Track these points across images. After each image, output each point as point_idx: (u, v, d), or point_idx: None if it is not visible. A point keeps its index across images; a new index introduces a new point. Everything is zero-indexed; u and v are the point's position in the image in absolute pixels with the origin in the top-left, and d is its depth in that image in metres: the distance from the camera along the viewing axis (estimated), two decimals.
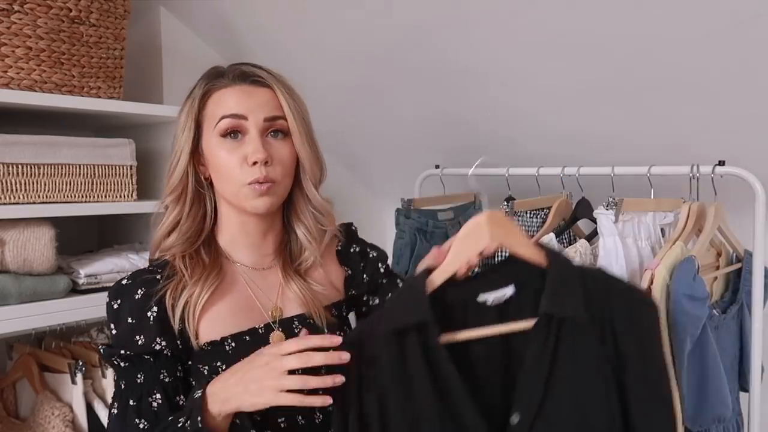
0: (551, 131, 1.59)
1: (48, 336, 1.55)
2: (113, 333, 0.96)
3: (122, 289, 0.97)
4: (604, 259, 1.24)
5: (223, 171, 0.97)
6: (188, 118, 1.01)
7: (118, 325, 0.96)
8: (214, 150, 0.98)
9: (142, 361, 0.95)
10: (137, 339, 0.94)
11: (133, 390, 0.94)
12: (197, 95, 1.01)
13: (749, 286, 1.33)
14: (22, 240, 1.33)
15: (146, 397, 0.94)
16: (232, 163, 0.96)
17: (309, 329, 0.98)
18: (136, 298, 0.95)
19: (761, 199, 1.24)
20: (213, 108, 0.99)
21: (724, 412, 1.17)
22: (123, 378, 0.96)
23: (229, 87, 0.99)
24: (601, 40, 1.25)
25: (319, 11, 1.54)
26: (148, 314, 0.95)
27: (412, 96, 1.70)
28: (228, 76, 1.00)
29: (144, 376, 0.94)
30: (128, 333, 0.94)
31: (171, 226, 1.01)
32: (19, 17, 1.35)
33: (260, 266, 1.06)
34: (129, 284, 0.97)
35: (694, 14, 1.10)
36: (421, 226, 1.67)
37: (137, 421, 0.92)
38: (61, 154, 1.40)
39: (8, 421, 1.48)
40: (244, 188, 0.96)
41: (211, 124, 0.98)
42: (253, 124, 0.97)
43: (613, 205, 1.26)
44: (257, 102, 0.98)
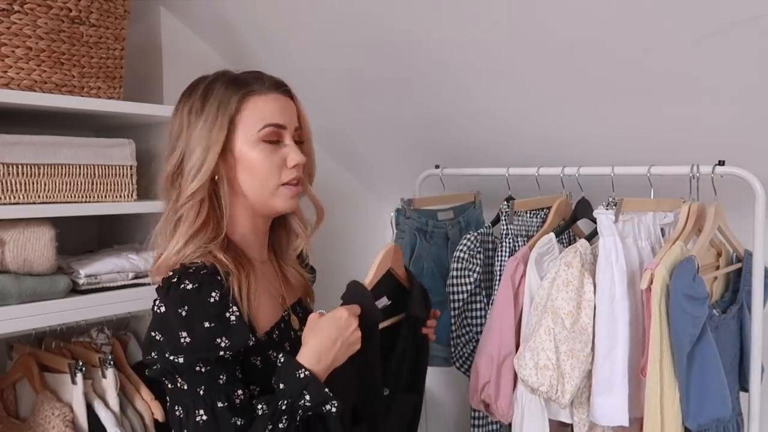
0: (551, 131, 1.59)
1: (48, 336, 1.55)
2: (186, 341, 0.92)
3: (188, 295, 0.94)
4: (603, 258, 1.24)
5: (260, 174, 1.04)
6: (220, 117, 1.02)
7: (192, 331, 0.93)
8: (252, 153, 1.04)
9: (224, 361, 0.94)
10: (219, 341, 0.93)
11: (218, 392, 0.94)
12: (231, 98, 1.03)
13: (749, 286, 1.33)
14: (22, 240, 1.32)
15: (232, 395, 0.95)
16: (271, 167, 1.04)
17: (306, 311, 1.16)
18: (211, 302, 0.95)
19: (761, 199, 1.24)
20: (252, 113, 1.04)
21: (724, 412, 1.17)
22: (202, 383, 0.93)
23: (267, 95, 1.06)
24: (601, 40, 1.25)
25: (319, 11, 1.54)
26: (228, 315, 0.96)
27: (412, 96, 1.70)
28: (263, 83, 1.06)
29: (226, 376, 0.95)
30: (208, 337, 0.93)
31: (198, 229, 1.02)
32: (19, 17, 1.34)
33: (262, 260, 1.13)
34: (196, 289, 0.95)
35: (694, 14, 1.10)
36: (421, 226, 1.67)
37: (234, 419, 0.93)
38: (61, 154, 1.40)
39: (8, 421, 1.48)
40: (280, 188, 1.05)
41: (251, 129, 1.04)
42: (288, 132, 1.07)
43: (613, 205, 1.26)
44: (290, 112, 1.08)
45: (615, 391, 1.21)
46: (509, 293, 1.35)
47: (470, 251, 1.47)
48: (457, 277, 1.47)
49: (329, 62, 1.71)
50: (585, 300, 1.25)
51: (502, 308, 1.35)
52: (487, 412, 1.38)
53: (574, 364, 1.21)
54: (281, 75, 1.11)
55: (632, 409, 1.23)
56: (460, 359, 1.50)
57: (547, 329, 1.23)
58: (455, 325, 1.49)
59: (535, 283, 1.32)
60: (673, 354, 1.17)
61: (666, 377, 1.17)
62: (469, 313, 1.50)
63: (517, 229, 1.47)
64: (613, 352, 1.22)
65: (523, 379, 1.25)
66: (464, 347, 1.49)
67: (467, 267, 1.46)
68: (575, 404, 1.28)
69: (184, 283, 0.96)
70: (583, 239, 1.34)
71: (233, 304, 0.96)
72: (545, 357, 1.21)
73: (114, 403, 1.47)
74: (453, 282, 1.47)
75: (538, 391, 1.22)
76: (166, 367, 0.94)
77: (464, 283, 1.47)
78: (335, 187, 2.26)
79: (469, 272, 1.47)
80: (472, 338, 1.49)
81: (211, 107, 1.03)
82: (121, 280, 1.48)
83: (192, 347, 0.93)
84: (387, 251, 1.23)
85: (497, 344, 1.34)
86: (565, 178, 1.49)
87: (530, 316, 1.31)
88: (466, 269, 1.46)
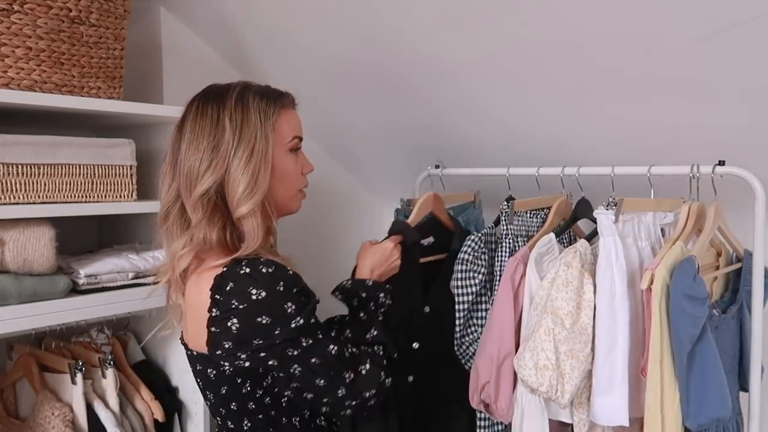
0: (551, 131, 1.59)
1: (48, 336, 1.55)
2: (293, 308, 1.03)
3: (275, 274, 1.05)
4: (603, 258, 1.24)
5: (289, 179, 1.16)
6: (266, 127, 1.11)
7: (293, 299, 1.04)
8: (284, 161, 1.15)
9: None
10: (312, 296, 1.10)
11: (327, 330, 1.10)
12: (271, 108, 1.12)
13: (749, 286, 1.33)
14: (22, 240, 1.32)
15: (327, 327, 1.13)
16: (296, 173, 1.18)
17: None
18: (291, 274, 1.07)
19: (761, 199, 1.24)
20: (284, 125, 1.14)
21: (725, 412, 1.17)
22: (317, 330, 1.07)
23: (291, 109, 1.18)
24: (601, 40, 1.25)
25: (318, 11, 1.54)
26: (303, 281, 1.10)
27: (412, 96, 1.70)
28: (288, 97, 1.17)
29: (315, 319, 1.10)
30: (303, 292, 1.08)
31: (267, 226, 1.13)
32: (19, 17, 1.35)
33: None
34: (276, 268, 1.05)
35: (694, 14, 1.10)
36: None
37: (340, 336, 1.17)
38: (61, 154, 1.40)
39: (8, 421, 1.48)
40: (298, 193, 1.20)
41: (284, 139, 1.14)
42: (302, 143, 1.19)
43: (613, 205, 1.26)
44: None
45: (615, 391, 1.21)
46: (509, 293, 1.35)
47: (474, 252, 1.46)
48: (461, 279, 1.47)
49: (329, 62, 1.71)
50: (585, 300, 1.24)
51: (501, 308, 1.35)
52: (487, 412, 1.38)
53: (574, 364, 1.21)
54: (281, 74, 1.12)
55: (632, 409, 1.22)
56: (465, 357, 1.50)
57: (547, 329, 1.23)
58: (460, 326, 1.49)
59: (535, 283, 1.32)
60: (673, 354, 1.17)
61: (666, 377, 1.17)
62: (475, 314, 1.50)
63: (517, 229, 1.47)
64: (613, 352, 1.22)
65: (522, 379, 1.25)
66: (470, 347, 1.49)
67: (472, 269, 1.46)
68: (575, 404, 1.28)
69: (259, 269, 1.03)
70: (582, 239, 1.34)
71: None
72: (545, 357, 1.21)
73: (114, 403, 1.47)
74: (458, 284, 1.47)
75: (538, 391, 1.22)
76: (288, 338, 1.03)
77: (469, 284, 1.47)
78: (335, 187, 2.26)
79: (474, 273, 1.46)
80: (477, 338, 1.49)
81: (258, 116, 1.11)
82: (121, 280, 1.48)
83: (300, 310, 1.04)
84: (427, 197, 1.54)
85: (497, 344, 1.34)
86: (565, 178, 1.48)
87: (530, 317, 1.31)
88: (471, 270, 1.46)
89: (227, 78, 1.95)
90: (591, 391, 1.24)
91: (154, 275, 1.50)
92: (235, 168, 1.07)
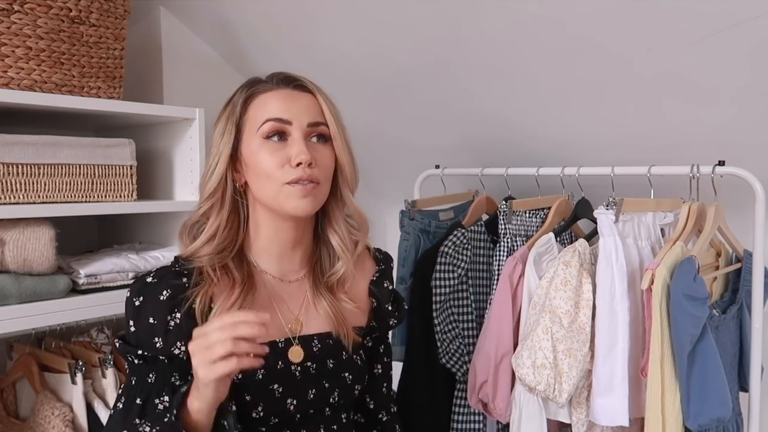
0: (551, 131, 1.59)
1: (48, 336, 1.55)
2: (131, 330, 0.95)
3: (147, 287, 0.95)
4: (603, 258, 1.24)
5: (264, 172, 0.97)
6: (228, 122, 1.01)
7: (137, 323, 0.94)
8: (256, 151, 0.98)
9: (156, 361, 0.94)
10: (156, 341, 0.93)
11: (142, 389, 0.93)
12: (238, 100, 1.01)
13: (749, 286, 1.33)
14: (22, 240, 1.32)
15: (153, 397, 0.93)
16: (273, 164, 0.96)
17: (330, 347, 1.02)
18: (161, 299, 0.94)
19: (761, 199, 1.24)
20: (256, 111, 0.99)
21: (725, 412, 1.17)
22: (134, 374, 0.95)
23: (272, 91, 1.00)
24: (601, 41, 1.25)
25: (318, 12, 1.54)
26: (169, 319, 0.93)
27: (411, 96, 1.70)
28: (271, 80, 1.01)
29: (155, 377, 0.93)
30: (147, 333, 0.93)
31: (213, 234, 1.00)
32: (19, 17, 1.35)
33: (287, 278, 1.05)
34: (154, 283, 0.95)
35: (694, 14, 1.10)
36: (424, 227, 1.67)
37: (137, 421, 0.90)
38: (61, 154, 1.40)
39: (8, 421, 1.48)
40: (284, 188, 0.96)
41: (254, 127, 0.99)
42: (297, 128, 0.98)
43: (613, 205, 1.26)
44: (301, 106, 0.99)
45: (615, 391, 1.21)
46: (507, 293, 1.35)
47: (456, 247, 1.47)
48: (440, 271, 1.48)
49: (329, 61, 1.71)
50: (583, 299, 1.25)
51: (500, 308, 1.35)
52: (485, 411, 1.38)
53: (572, 364, 1.21)
54: None
55: (632, 410, 1.22)
56: (447, 355, 1.49)
57: (545, 328, 1.23)
58: (438, 320, 1.48)
59: (534, 282, 1.32)
60: (673, 354, 1.17)
61: (667, 377, 1.17)
62: (454, 309, 1.50)
63: (516, 228, 1.47)
64: (613, 353, 1.22)
65: (520, 378, 1.25)
66: (451, 343, 1.49)
67: (451, 262, 1.47)
68: (573, 404, 1.28)
69: (150, 275, 0.97)
70: (582, 239, 1.34)
71: (180, 312, 0.93)
72: (543, 356, 1.21)
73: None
74: (436, 276, 1.47)
75: (536, 390, 1.22)
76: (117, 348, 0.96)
77: (447, 277, 1.48)
78: None
79: (453, 267, 1.47)
80: (458, 334, 1.49)
81: (224, 113, 1.02)
82: (121, 280, 1.48)
83: (134, 337, 0.94)
84: (480, 200, 1.65)
85: (495, 344, 1.34)
86: (565, 178, 1.49)
87: (528, 316, 1.31)
88: (451, 264, 1.47)
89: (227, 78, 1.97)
90: (590, 391, 1.24)
91: None
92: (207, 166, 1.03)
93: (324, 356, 1.03)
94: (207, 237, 1.00)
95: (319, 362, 1.02)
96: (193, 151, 1.57)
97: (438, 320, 1.48)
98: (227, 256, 1.00)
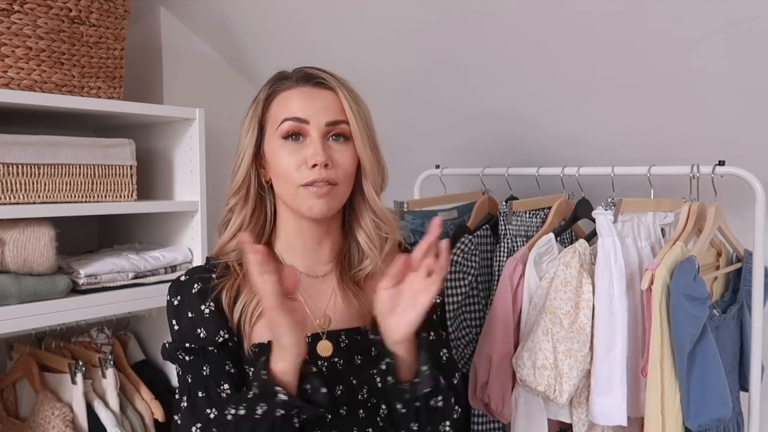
0: (551, 131, 1.59)
1: (48, 336, 1.55)
2: (175, 329, 0.98)
3: (181, 285, 1.00)
4: (602, 259, 1.24)
5: (282, 173, 0.97)
6: (252, 120, 1.01)
7: (179, 320, 0.98)
8: (275, 151, 0.98)
9: (206, 353, 0.95)
10: (199, 332, 0.96)
11: (200, 382, 0.95)
12: (261, 98, 1.02)
13: (749, 285, 1.33)
14: (22, 240, 1.32)
15: (214, 387, 0.94)
16: (291, 165, 0.96)
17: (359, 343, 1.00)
18: (193, 293, 0.98)
19: (761, 199, 1.24)
20: (276, 110, 1.00)
21: (725, 412, 1.17)
22: (189, 372, 0.96)
23: (292, 89, 0.99)
24: (601, 41, 1.25)
25: (318, 12, 1.54)
26: (203, 308, 0.97)
27: (411, 96, 1.70)
28: (292, 78, 1.01)
29: (210, 368, 0.95)
30: (190, 326, 0.96)
31: (237, 229, 1.02)
32: (19, 17, 1.35)
33: (314, 273, 1.04)
34: (186, 280, 1.00)
35: (694, 15, 1.10)
36: (416, 227, 1.66)
37: (208, 411, 0.93)
38: (61, 154, 1.40)
39: (8, 421, 1.48)
40: (299, 190, 0.96)
41: (274, 126, 0.99)
42: (314, 127, 0.97)
43: (611, 206, 1.26)
44: (320, 105, 0.98)
45: (614, 391, 1.21)
46: (507, 293, 1.35)
47: (464, 254, 1.46)
48: (451, 280, 1.47)
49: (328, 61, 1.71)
50: (583, 300, 1.24)
51: (500, 308, 1.35)
52: (486, 411, 1.38)
53: (572, 364, 1.21)
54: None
55: (631, 409, 1.23)
56: (462, 360, 1.50)
57: (545, 329, 1.23)
58: (452, 328, 1.49)
59: (534, 283, 1.32)
60: (673, 354, 1.17)
61: (667, 377, 1.17)
62: (467, 315, 1.50)
63: (516, 229, 1.47)
64: (612, 353, 1.22)
65: (521, 379, 1.25)
66: (465, 348, 1.49)
67: (461, 270, 1.46)
68: (574, 404, 1.28)
69: (182, 275, 1.02)
70: (582, 239, 1.34)
71: (212, 301, 0.97)
72: (543, 357, 1.21)
73: (114, 403, 1.47)
74: (447, 285, 1.47)
75: (536, 390, 1.22)
76: (164, 352, 1.00)
77: (459, 285, 1.47)
78: None
79: (464, 275, 1.47)
80: (472, 339, 1.49)
81: (250, 110, 1.03)
82: (121, 280, 1.48)
83: (178, 334, 0.97)
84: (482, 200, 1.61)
85: (495, 344, 1.34)
86: (565, 178, 1.48)
87: (528, 316, 1.31)
88: (461, 272, 1.46)
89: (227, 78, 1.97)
90: (590, 391, 1.24)
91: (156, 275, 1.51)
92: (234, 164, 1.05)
93: (352, 352, 1.00)
94: (232, 232, 1.02)
95: (346, 358, 1.00)
96: (193, 151, 1.57)
97: (452, 327, 1.48)
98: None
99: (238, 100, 1.99)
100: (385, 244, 1.07)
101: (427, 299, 0.89)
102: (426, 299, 0.89)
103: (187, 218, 1.60)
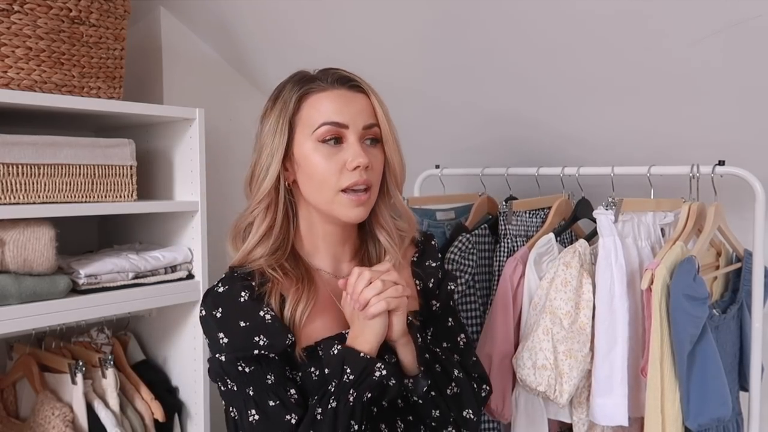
0: (551, 131, 1.59)
1: (48, 336, 1.55)
2: (225, 342, 0.93)
3: (220, 297, 0.96)
4: (603, 259, 1.24)
5: (318, 177, 0.96)
6: (281, 120, 0.99)
7: (228, 332, 0.93)
8: (310, 154, 0.97)
9: (268, 360, 0.93)
10: (257, 340, 0.92)
11: (267, 391, 0.92)
12: (291, 98, 0.99)
13: (749, 285, 1.33)
14: (22, 240, 1.32)
15: (284, 393, 0.93)
16: (330, 170, 0.96)
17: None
18: (242, 302, 0.94)
19: (761, 199, 1.24)
20: (310, 112, 0.98)
21: (725, 412, 1.17)
22: (250, 384, 0.93)
23: (327, 91, 0.98)
24: (601, 41, 1.25)
25: (318, 12, 1.54)
26: (263, 314, 0.94)
27: (411, 96, 1.70)
28: (326, 79, 1.00)
29: (274, 375, 0.93)
30: (245, 336, 0.92)
31: (262, 235, 1.00)
32: (19, 17, 1.35)
33: (341, 274, 1.05)
34: (227, 291, 0.96)
35: (695, 15, 1.10)
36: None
37: (288, 417, 0.91)
38: (61, 154, 1.40)
39: (8, 421, 1.48)
40: (338, 196, 0.96)
41: (308, 129, 0.97)
42: (353, 131, 0.97)
43: (612, 205, 1.26)
44: (357, 109, 0.98)
45: (614, 391, 1.21)
46: (508, 293, 1.35)
47: (461, 252, 1.47)
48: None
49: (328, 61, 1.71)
50: (583, 300, 1.25)
51: (500, 308, 1.35)
52: (486, 411, 1.38)
53: (572, 364, 1.21)
54: (281, 75, 1.08)
55: (631, 409, 1.23)
56: None
57: (545, 329, 1.23)
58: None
59: (534, 283, 1.32)
60: (673, 354, 1.17)
61: (666, 377, 1.17)
62: (463, 314, 1.50)
63: (516, 229, 1.47)
64: (613, 353, 1.22)
65: (521, 379, 1.25)
66: None
67: (458, 268, 1.46)
68: (574, 404, 1.28)
69: (217, 286, 0.97)
70: (582, 239, 1.34)
71: (267, 306, 0.95)
72: (543, 357, 1.21)
73: (114, 403, 1.47)
74: None
75: (536, 390, 1.22)
76: (214, 368, 0.94)
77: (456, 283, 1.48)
78: None
79: (460, 273, 1.47)
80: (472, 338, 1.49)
81: (275, 110, 1.00)
82: (121, 280, 1.48)
83: (231, 346, 0.93)
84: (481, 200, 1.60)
85: (495, 344, 1.34)
86: (565, 178, 1.49)
87: (529, 316, 1.31)
88: (458, 270, 1.46)
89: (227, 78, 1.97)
90: (590, 391, 1.24)
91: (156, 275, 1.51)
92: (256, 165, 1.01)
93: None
94: (258, 237, 1.00)
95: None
96: (193, 151, 1.57)
97: None
98: (282, 256, 1.00)
99: (238, 100, 2.00)
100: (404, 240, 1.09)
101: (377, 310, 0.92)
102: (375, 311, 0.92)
103: (187, 218, 1.60)
